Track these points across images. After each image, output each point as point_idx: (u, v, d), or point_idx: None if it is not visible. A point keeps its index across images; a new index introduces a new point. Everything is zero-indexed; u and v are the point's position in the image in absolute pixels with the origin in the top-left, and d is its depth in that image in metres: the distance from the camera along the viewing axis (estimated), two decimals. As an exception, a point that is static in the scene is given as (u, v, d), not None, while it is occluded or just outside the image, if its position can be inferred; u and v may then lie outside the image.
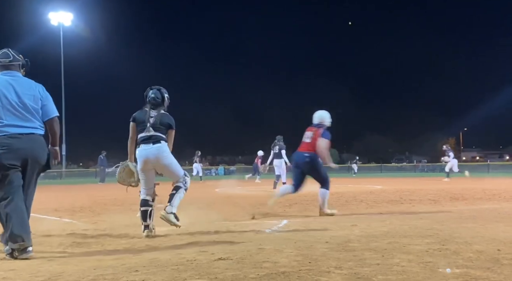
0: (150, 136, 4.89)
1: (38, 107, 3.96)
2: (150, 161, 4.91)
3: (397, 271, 2.86)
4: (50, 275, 2.94)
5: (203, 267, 3.06)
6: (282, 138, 14.04)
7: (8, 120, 3.78)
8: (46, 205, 9.29)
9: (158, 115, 4.97)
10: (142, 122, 4.96)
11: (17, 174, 3.78)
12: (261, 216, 6.52)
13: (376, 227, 4.93)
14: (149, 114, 4.96)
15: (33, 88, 3.98)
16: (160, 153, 4.90)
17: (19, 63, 4.03)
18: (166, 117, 5.05)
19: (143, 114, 5.00)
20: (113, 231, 5.05)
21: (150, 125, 4.91)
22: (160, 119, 4.95)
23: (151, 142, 4.88)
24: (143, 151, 4.91)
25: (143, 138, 4.91)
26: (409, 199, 9.04)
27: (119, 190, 15.71)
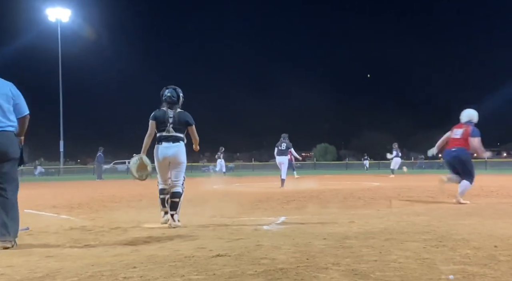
0: (170, 136, 5.32)
1: (10, 105, 4.16)
2: (169, 158, 5.34)
3: (395, 267, 2.87)
4: (48, 271, 2.94)
5: (201, 264, 3.06)
6: (287, 136, 14.09)
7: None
8: (44, 201, 9.29)
9: (176, 115, 5.36)
10: (163, 122, 5.34)
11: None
12: (259, 212, 6.52)
13: (373, 224, 4.94)
14: (168, 114, 5.34)
15: (4, 87, 4.19)
16: (178, 152, 5.33)
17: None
18: (183, 115, 5.42)
19: (163, 114, 5.36)
20: (111, 228, 5.04)
21: (170, 125, 5.31)
22: (178, 119, 5.35)
23: (171, 141, 5.32)
24: (164, 149, 5.33)
25: (164, 137, 5.34)
26: (407, 196, 9.06)
27: (117, 187, 15.70)
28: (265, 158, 61.95)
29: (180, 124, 5.36)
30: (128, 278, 2.71)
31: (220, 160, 26.17)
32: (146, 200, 9.23)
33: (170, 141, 5.32)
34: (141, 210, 7.13)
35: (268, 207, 7.29)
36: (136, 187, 15.04)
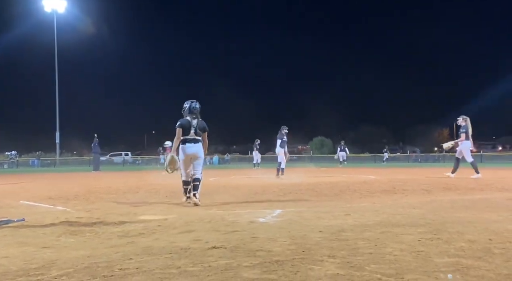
0: (193, 138, 7.08)
1: None
2: (191, 154, 7.05)
3: (390, 260, 2.88)
4: (44, 262, 2.94)
5: (197, 256, 3.07)
6: (285, 128, 14.62)
7: None
8: (40, 193, 9.27)
9: (197, 123, 7.14)
10: (188, 128, 7.07)
11: None
12: (255, 205, 6.53)
13: (369, 217, 4.96)
14: (191, 123, 7.10)
15: None
16: (198, 150, 7.10)
17: None
18: (202, 123, 7.24)
19: (187, 122, 7.11)
20: (107, 220, 5.04)
21: (193, 131, 7.07)
22: (198, 126, 7.14)
23: (193, 142, 7.07)
24: (188, 148, 7.04)
25: (188, 139, 7.05)
26: (402, 189, 9.08)
27: (113, 179, 15.67)
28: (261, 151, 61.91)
29: (200, 130, 7.14)
30: (124, 270, 2.71)
31: (256, 152, 26.47)
32: (142, 192, 9.23)
33: (192, 142, 7.04)
34: (137, 202, 7.13)
35: (264, 199, 7.31)
36: (131, 179, 15.04)
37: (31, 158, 49.44)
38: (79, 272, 2.68)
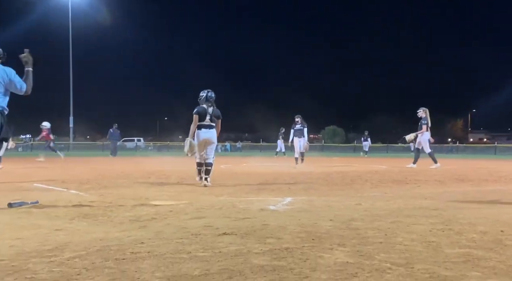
0: (209, 124, 7.80)
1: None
2: (206, 139, 7.77)
3: (400, 249, 2.88)
4: (57, 244, 2.99)
5: (207, 241, 3.09)
6: (297, 117, 14.83)
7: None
8: (54, 176, 9.40)
9: (213, 111, 7.84)
10: (204, 115, 7.76)
11: None
12: (266, 193, 6.55)
13: (380, 206, 4.95)
14: (207, 110, 7.79)
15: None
16: (213, 135, 7.84)
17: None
18: (217, 111, 7.93)
19: (204, 110, 7.79)
20: (119, 204, 5.10)
21: (208, 117, 7.77)
22: (214, 113, 7.85)
23: (208, 128, 7.80)
24: (204, 133, 7.76)
25: (204, 125, 7.77)
26: (415, 179, 9.04)
27: (126, 164, 15.82)
28: (273, 140, 61.91)
29: (215, 117, 7.86)
30: (136, 253, 2.74)
31: (280, 141, 26.52)
32: (154, 177, 9.30)
33: (207, 128, 7.78)
34: (149, 187, 7.19)
35: (275, 187, 7.32)
36: (144, 164, 15.15)
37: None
38: (92, 254, 2.72)
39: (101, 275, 2.30)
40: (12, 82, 4.88)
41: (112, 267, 2.44)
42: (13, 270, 2.37)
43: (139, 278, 2.25)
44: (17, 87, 4.90)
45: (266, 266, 2.47)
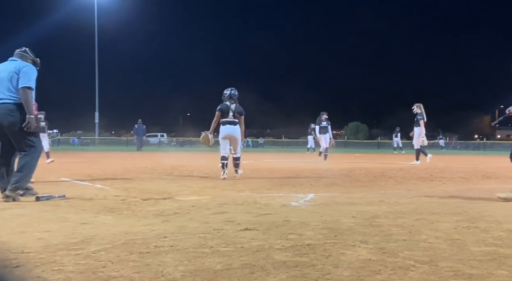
0: (231, 121, 8.20)
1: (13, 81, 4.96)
2: (229, 135, 8.20)
3: (424, 247, 2.84)
4: (83, 237, 3.05)
5: (229, 237, 3.11)
6: (324, 114, 15.07)
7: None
8: (80, 171, 9.58)
9: (235, 107, 8.25)
10: (227, 112, 8.19)
11: None
12: (288, 189, 6.54)
13: (404, 204, 4.89)
14: (230, 107, 8.21)
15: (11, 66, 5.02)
16: (236, 131, 8.24)
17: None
18: (239, 108, 8.32)
19: (226, 107, 8.21)
20: (143, 198, 5.17)
21: (231, 114, 8.18)
22: (236, 110, 8.25)
23: (231, 124, 8.20)
24: (226, 129, 8.19)
25: (227, 121, 8.19)
26: (440, 177, 8.90)
27: (149, 159, 15.99)
28: (295, 135, 61.76)
29: (237, 113, 8.23)
30: (159, 247, 2.78)
31: (311, 137, 26.61)
32: (176, 172, 9.39)
33: (231, 124, 8.19)
34: (172, 182, 7.27)
35: (297, 183, 7.31)
36: (167, 159, 15.31)
37: (71, 136, 51.00)
38: (117, 248, 2.77)
39: (125, 268, 2.34)
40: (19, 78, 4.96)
41: (136, 261, 2.48)
42: (40, 262, 2.43)
43: (162, 272, 2.28)
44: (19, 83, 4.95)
45: (288, 262, 2.47)
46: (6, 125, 4.88)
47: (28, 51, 5.31)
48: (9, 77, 4.96)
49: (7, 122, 4.87)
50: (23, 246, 2.78)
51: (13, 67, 5.01)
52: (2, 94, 4.94)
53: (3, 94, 4.94)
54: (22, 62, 5.12)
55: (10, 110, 4.90)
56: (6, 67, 5.07)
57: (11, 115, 4.88)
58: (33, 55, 5.35)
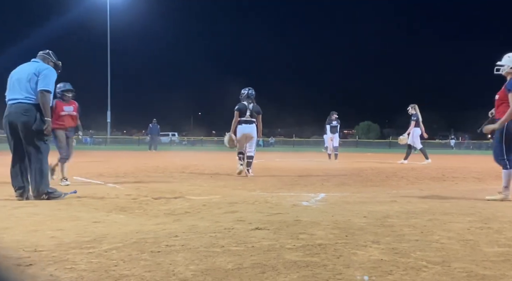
0: (248, 120, 8.54)
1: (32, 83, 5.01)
2: (246, 134, 8.56)
3: (436, 247, 2.82)
4: (95, 236, 3.07)
5: (240, 236, 3.11)
6: (334, 113, 15.15)
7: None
8: (92, 170, 9.66)
9: (253, 107, 8.59)
10: (244, 111, 8.54)
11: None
12: (299, 188, 6.53)
13: (416, 204, 4.85)
14: (248, 107, 8.55)
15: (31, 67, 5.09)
16: (253, 130, 8.60)
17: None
18: (257, 107, 8.67)
19: (244, 106, 8.57)
20: (154, 197, 5.19)
21: (249, 113, 8.53)
22: (253, 109, 8.59)
23: (248, 123, 8.54)
24: (244, 128, 8.55)
25: (245, 120, 8.54)
26: (452, 177, 8.81)
27: (160, 158, 16.07)
28: (306, 135, 61.66)
29: (255, 112, 8.58)
30: (170, 246, 2.79)
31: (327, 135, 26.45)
32: (188, 172, 9.42)
33: (248, 123, 8.52)
34: (183, 182, 7.29)
35: (308, 183, 7.29)
36: (178, 159, 15.37)
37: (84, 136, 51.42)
38: (128, 246, 2.79)
39: (137, 267, 2.35)
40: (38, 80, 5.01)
41: (148, 259, 2.49)
42: (53, 261, 2.45)
43: (173, 271, 2.29)
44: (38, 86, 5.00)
45: (299, 261, 2.46)
46: (20, 125, 4.92)
47: (51, 54, 5.39)
48: (29, 78, 5.00)
49: (21, 122, 4.92)
50: (36, 244, 2.81)
51: (34, 68, 5.06)
52: (19, 95, 4.99)
53: (20, 95, 4.99)
54: (43, 64, 5.18)
55: (25, 110, 4.94)
56: (26, 68, 5.12)
57: (25, 115, 4.93)
58: (56, 58, 5.42)
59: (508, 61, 5.29)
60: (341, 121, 15.57)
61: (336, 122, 15.09)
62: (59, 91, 6.93)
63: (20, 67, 5.20)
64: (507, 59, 5.31)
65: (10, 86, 5.10)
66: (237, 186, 6.66)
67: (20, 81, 5.02)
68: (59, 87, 6.92)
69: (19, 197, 4.92)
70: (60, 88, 6.96)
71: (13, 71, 5.19)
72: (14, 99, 5.01)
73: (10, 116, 4.98)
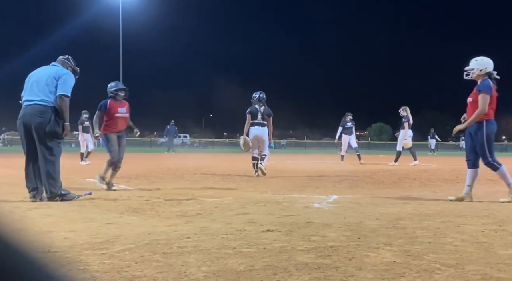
0: (260, 123, 8.85)
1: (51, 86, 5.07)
2: (258, 136, 8.85)
3: (450, 250, 2.79)
4: (108, 237, 3.10)
5: (251, 238, 3.11)
6: (349, 115, 15.18)
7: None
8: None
9: (264, 110, 8.92)
10: (256, 114, 8.86)
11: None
12: (310, 190, 6.51)
13: (429, 206, 4.81)
14: (259, 110, 8.88)
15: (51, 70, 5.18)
16: (264, 132, 8.90)
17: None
18: (268, 110, 9.02)
19: (256, 110, 8.89)
20: (166, 199, 5.22)
21: (260, 116, 8.84)
22: (265, 112, 8.93)
23: (260, 126, 8.86)
24: (256, 130, 8.83)
25: (257, 123, 8.84)
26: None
27: (172, 160, 16.12)
28: (317, 136, 61.49)
29: (266, 115, 8.92)
30: (182, 248, 2.80)
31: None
32: (199, 173, 9.45)
33: (259, 126, 8.84)
34: (195, 183, 7.32)
35: (319, 185, 7.27)
36: (189, 160, 15.41)
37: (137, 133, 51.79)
38: (141, 248, 2.80)
39: (149, 268, 2.36)
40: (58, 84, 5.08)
41: (160, 261, 2.50)
42: (66, 262, 2.48)
43: (185, 272, 2.29)
44: (58, 90, 5.07)
45: (310, 263, 2.46)
46: (34, 126, 4.97)
47: (70, 59, 5.47)
48: (47, 81, 5.06)
49: (35, 123, 4.97)
50: (50, 245, 2.84)
51: (54, 72, 5.13)
52: (36, 96, 5.04)
53: (37, 96, 5.03)
54: (63, 68, 5.25)
55: (40, 111, 4.99)
56: (46, 71, 5.19)
57: (40, 116, 4.98)
58: (74, 63, 5.50)
59: (476, 64, 5.40)
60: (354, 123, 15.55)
61: (351, 123, 15.09)
62: (112, 90, 6.54)
63: (39, 69, 5.27)
64: (475, 63, 5.42)
65: (27, 87, 5.16)
66: (248, 188, 6.66)
67: (38, 83, 5.08)
68: (111, 86, 6.58)
69: (32, 198, 4.98)
70: (113, 87, 6.55)
71: (31, 73, 5.26)
72: (30, 100, 5.07)
73: (25, 117, 5.04)
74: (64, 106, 5.07)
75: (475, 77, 5.38)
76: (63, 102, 5.06)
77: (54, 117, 5.01)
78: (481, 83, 5.30)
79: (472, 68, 5.40)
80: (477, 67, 5.37)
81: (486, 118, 5.24)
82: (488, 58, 5.44)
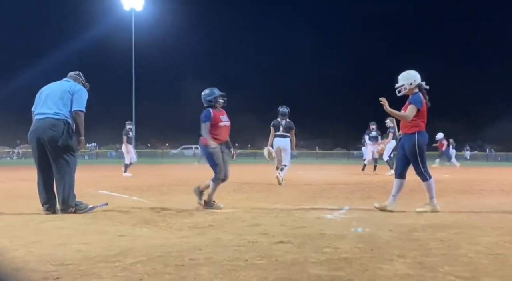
0: (282, 134, 9.57)
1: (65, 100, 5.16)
2: (281, 146, 9.55)
3: (464, 262, 2.76)
4: (120, 250, 3.11)
5: (264, 249, 3.10)
6: (372, 124, 15.19)
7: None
8: (117, 183, 9.79)
9: (285, 123, 9.63)
10: (278, 127, 9.60)
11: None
12: (322, 201, 6.48)
13: (442, 217, 4.76)
14: (281, 123, 9.62)
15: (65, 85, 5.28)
16: (285, 143, 9.58)
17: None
18: (290, 123, 9.70)
19: (278, 123, 9.64)
20: (178, 211, 5.23)
21: (282, 129, 9.56)
22: (286, 125, 9.63)
23: (282, 137, 9.56)
24: (278, 141, 9.57)
25: (279, 135, 9.57)
26: (479, 189, 8.62)
27: (184, 171, 16.11)
28: (329, 147, 61.32)
29: (287, 128, 9.61)
30: (194, 260, 2.80)
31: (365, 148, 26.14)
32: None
33: (281, 137, 9.55)
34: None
35: (331, 196, 7.23)
36: (200, 172, 15.44)
37: (109, 150, 52.28)
38: (153, 260, 2.81)
39: (161, 280, 2.37)
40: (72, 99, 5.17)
41: (172, 273, 2.50)
42: (80, 274, 2.49)
43: (198, 285, 2.29)
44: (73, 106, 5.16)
45: (323, 276, 2.44)
46: (47, 139, 5.01)
47: (81, 75, 5.57)
48: (62, 95, 5.14)
49: (48, 136, 5.01)
50: (63, 258, 2.86)
51: (68, 87, 5.22)
52: (48, 109, 5.10)
53: (49, 109, 5.10)
54: (76, 84, 5.35)
55: (53, 125, 5.04)
56: (59, 86, 5.28)
57: (53, 130, 5.02)
58: (85, 79, 5.60)
59: (404, 79, 5.46)
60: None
61: (376, 132, 15.10)
62: (211, 98, 5.82)
63: (51, 84, 5.36)
64: (403, 78, 5.47)
65: (39, 101, 5.23)
66: (260, 199, 6.65)
67: (52, 97, 5.14)
68: (208, 94, 5.85)
69: (46, 211, 5.02)
70: (213, 95, 5.83)
71: (42, 88, 5.34)
72: (42, 113, 5.12)
73: (38, 130, 5.09)
74: (80, 121, 5.15)
75: (407, 92, 5.43)
76: (79, 117, 5.15)
77: (66, 130, 5.07)
78: (412, 97, 5.39)
79: (402, 83, 5.45)
80: (406, 82, 5.42)
81: (417, 130, 5.31)
82: (414, 71, 5.50)
